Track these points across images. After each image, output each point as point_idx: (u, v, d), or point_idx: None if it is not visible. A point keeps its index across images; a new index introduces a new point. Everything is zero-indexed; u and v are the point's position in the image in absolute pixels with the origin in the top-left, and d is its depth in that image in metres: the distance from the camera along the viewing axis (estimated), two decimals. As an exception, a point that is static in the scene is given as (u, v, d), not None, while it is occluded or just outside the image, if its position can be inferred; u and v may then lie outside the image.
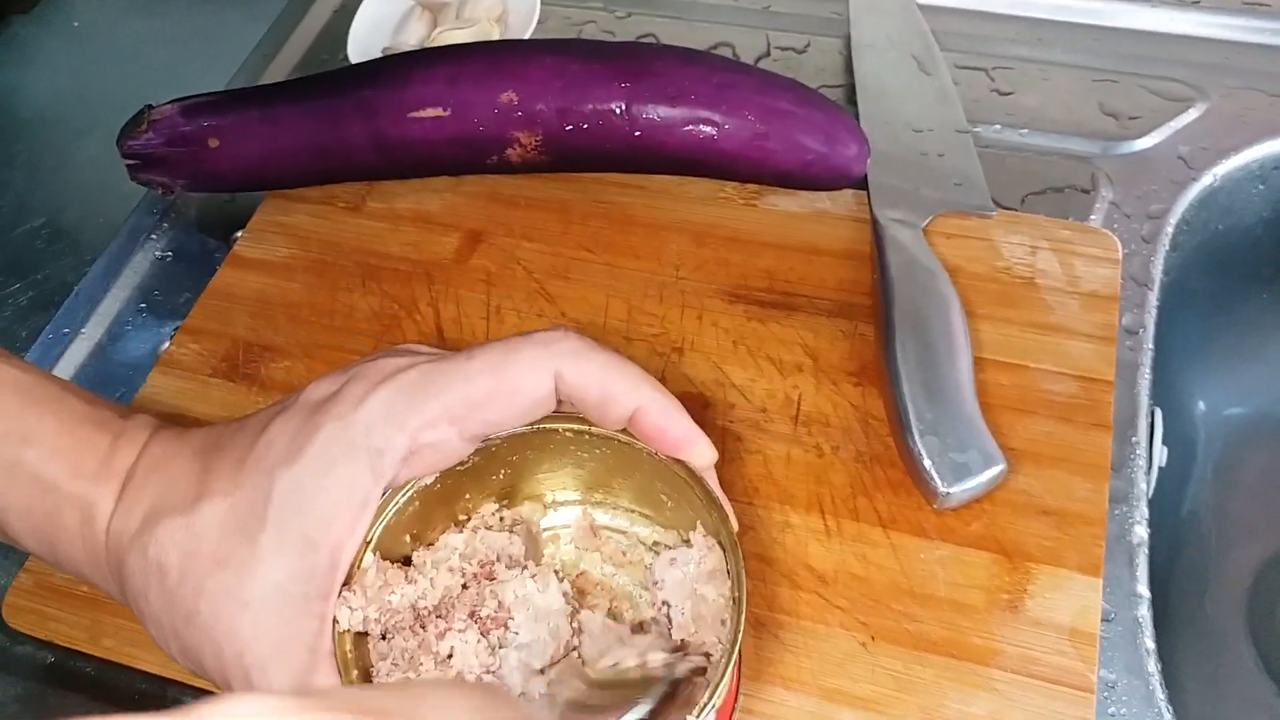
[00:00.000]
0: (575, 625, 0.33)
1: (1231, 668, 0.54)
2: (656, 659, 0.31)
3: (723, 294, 0.46)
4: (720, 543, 0.32)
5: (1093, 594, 0.37)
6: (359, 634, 0.32)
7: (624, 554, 0.36)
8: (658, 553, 0.35)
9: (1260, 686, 0.53)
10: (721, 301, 0.45)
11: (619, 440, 0.34)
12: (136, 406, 0.44)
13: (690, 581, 0.33)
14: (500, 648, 0.32)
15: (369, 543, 0.31)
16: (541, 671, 0.32)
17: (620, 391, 0.32)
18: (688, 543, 0.35)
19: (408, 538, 0.34)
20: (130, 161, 0.49)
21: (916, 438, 0.38)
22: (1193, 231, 0.52)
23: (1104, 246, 0.46)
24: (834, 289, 0.45)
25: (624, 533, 0.37)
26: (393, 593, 0.31)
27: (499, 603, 0.33)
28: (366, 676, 0.31)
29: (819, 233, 0.47)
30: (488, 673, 0.31)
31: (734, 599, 0.31)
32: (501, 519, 0.36)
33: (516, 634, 0.33)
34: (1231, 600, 0.57)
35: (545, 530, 0.37)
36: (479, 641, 0.31)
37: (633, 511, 0.36)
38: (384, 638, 0.32)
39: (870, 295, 0.45)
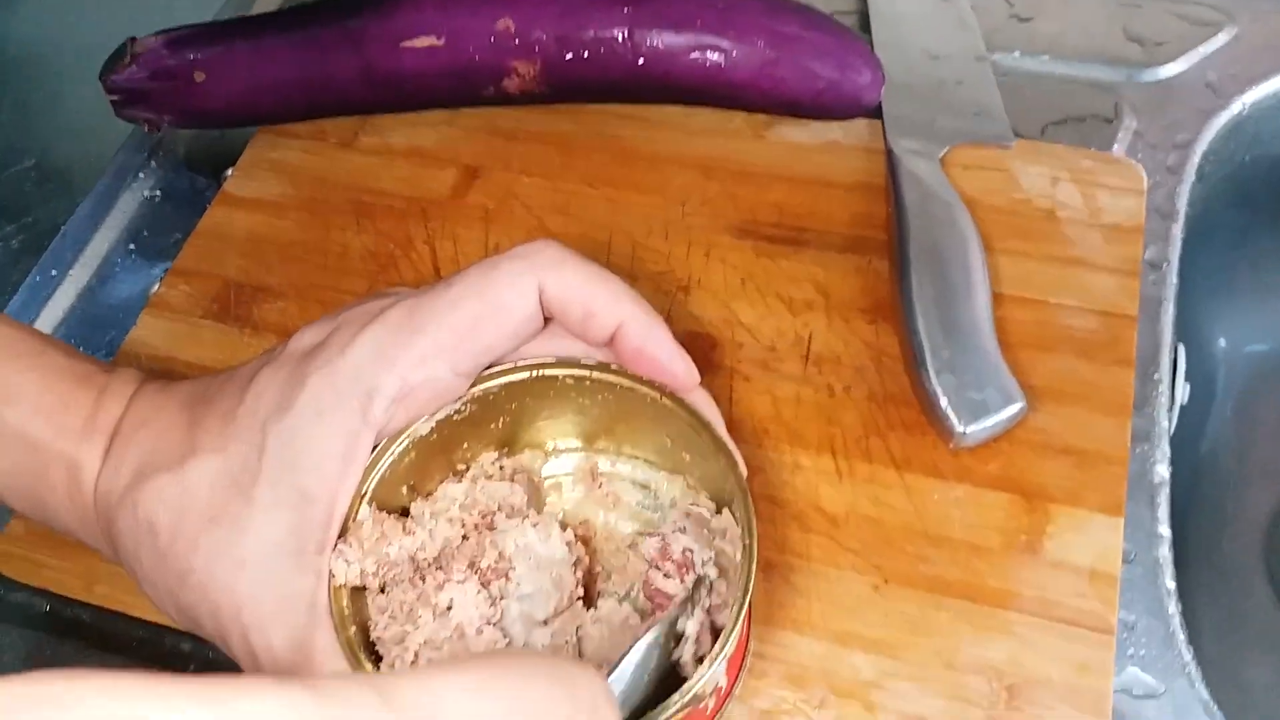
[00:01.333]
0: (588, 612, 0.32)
1: (1248, 606, 0.53)
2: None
3: (731, 229, 0.44)
4: (727, 490, 0.31)
5: (1113, 535, 0.36)
6: (356, 588, 0.31)
7: (628, 501, 0.35)
8: (659, 497, 0.34)
9: (1277, 624, 0.52)
10: (729, 237, 0.44)
11: (622, 385, 0.32)
12: (126, 349, 0.43)
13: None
14: (501, 599, 0.31)
15: (364, 495, 0.30)
16: (545, 623, 0.31)
17: (602, 305, 0.31)
18: (694, 489, 0.34)
19: (405, 489, 0.33)
20: (114, 97, 0.47)
21: (932, 376, 0.37)
22: (1219, 162, 0.50)
23: (1128, 177, 0.44)
24: (846, 223, 0.44)
25: (628, 480, 0.35)
26: (390, 545, 0.30)
27: (499, 553, 0.32)
28: (364, 631, 0.30)
29: (831, 165, 0.45)
30: (488, 624, 0.30)
31: (744, 545, 0.30)
32: (501, 468, 0.35)
33: (518, 585, 0.32)
34: (1249, 538, 0.56)
35: (546, 479, 0.36)
36: (479, 593, 0.30)
37: (636, 458, 0.35)
38: (382, 590, 0.31)
39: (884, 229, 0.43)
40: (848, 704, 0.34)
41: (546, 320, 0.32)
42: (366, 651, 0.29)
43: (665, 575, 0.32)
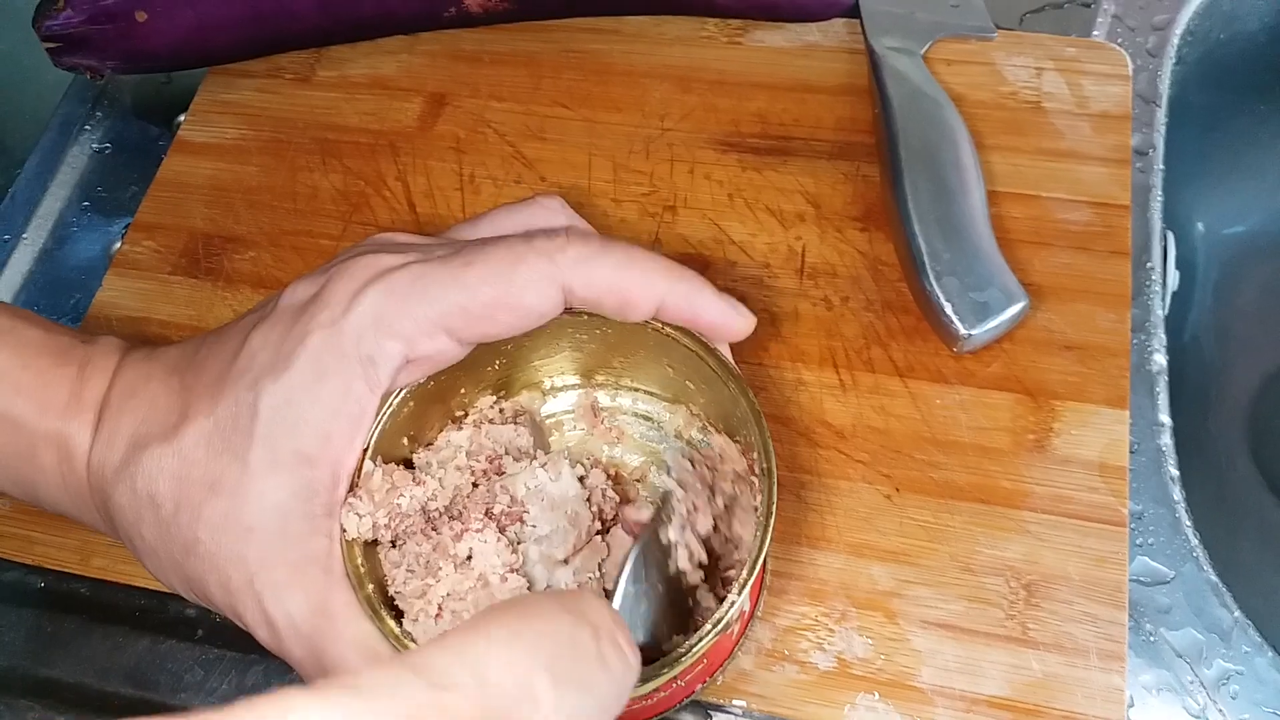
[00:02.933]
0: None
1: (1237, 486, 0.54)
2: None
3: (714, 143, 0.43)
4: (738, 415, 0.31)
5: (1120, 426, 0.36)
6: (369, 544, 0.30)
7: (632, 434, 0.34)
8: (663, 428, 0.34)
9: (1265, 501, 0.53)
10: (713, 152, 0.42)
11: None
12: (95, 312, 0.42)
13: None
14: (519, 543, 0.31)
15: (367, 449, 0.29)
16: (565, 562, 0.31)
17: (637, 292, 0.30)
18: (697, 417, 0.33)
19: (405, 440, 0.32)
20: (50, 45, 0.44)
21: (933, 280, 0.36)
22: (1195, 43, 0.49)
23: (1112, 62, 0.43)
24: (832, 129, 0.42)
25: (629, 413, 0.35)
26: (401, 496, 0.29)
27: (512, 497, 0.31)
28: (381, 588, 0.29)
29: (811, 69, 0.44)
30: (511, 571, 0.30)
31: (763, 470, 0.29)
32: (501, 411, 0.34)
33: (535, 527, 0.31)
34: (1233, 419, 0.56)
35: (547, 418, 0.35)
36: (498, 540, 0.30)
37: (637, 390, 0.35)
38: (394, 545, 0.30)
39: (871, 133, 0.42)
40: (869, 615, 0.34)
41: None
42: (386, 608, 0.29)
43: (636, 505, 0.32)
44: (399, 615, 0.29)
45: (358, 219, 0.42)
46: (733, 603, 0.27)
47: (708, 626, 0.27)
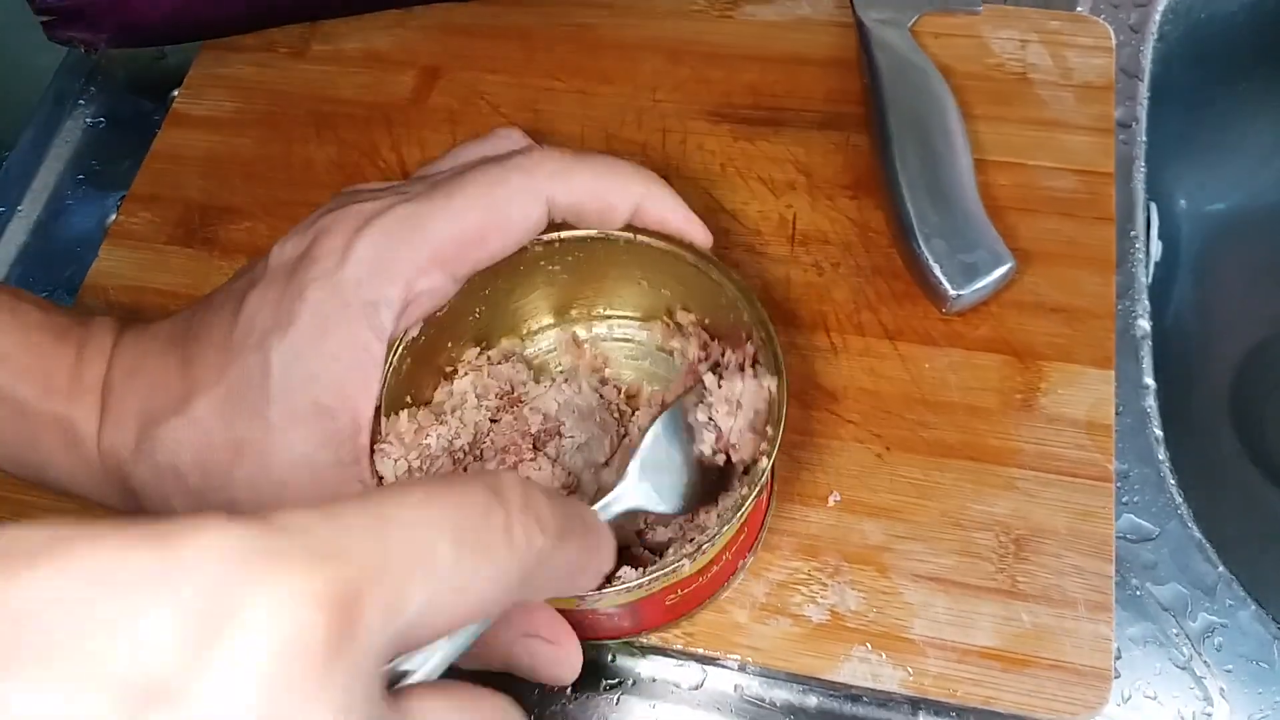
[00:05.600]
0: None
1: (1220, 457, 0.55)
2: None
3: (705, 114, 0.43)
4: (724, 302, 0.31)
5: (1106, 386, 0.37)
6: None
7: (617, 356, 0.35)
8: (645, 344, 0.35)
9: (1247, 473, 0.54)
10: (705, 123, 0.43)
11: (591, 237, 0.32)
12: (91, 282, 0.42)
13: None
14: (559, 457, 0.31)
15: (380, 403, 0.30)
16: (606, 464, 0.32)
17: (616, 196, 0.31)
18: (670, 325, 0.34)
19: (407, 399, 0.32)
20: (45, 18, 0.45)
21: (922, 243, 0.37)
22: (1177, 20, 0.50)
23: (1096, 35, 0.44)
24: (822, 100, 0.43)
25: (609, 339, 0.36)
26: (428, 436, 0.30)
27: (544, 415, 0.32)
28: None
29: (801, 41, 0.44)
30: (565, 490, 0.30)
31: (764, 338, 0.30)
32: (490, 359, 0.35)
33: (573, 437, 0.32)
34: (1216, 394, 0.57)
35: (532, 359, 0.36)
36: (552, 464, 0.30)
37: (611, 316, 0.36)
38: None
39: (861, 103, 0.42)
40: (861, 569, 0.34)
41: None
42: None
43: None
44: None
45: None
46: (768, 459, 0.28)
47: (744, 490, 0.28)
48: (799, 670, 0.33)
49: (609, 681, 0.34)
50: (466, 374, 0.33)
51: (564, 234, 0.32)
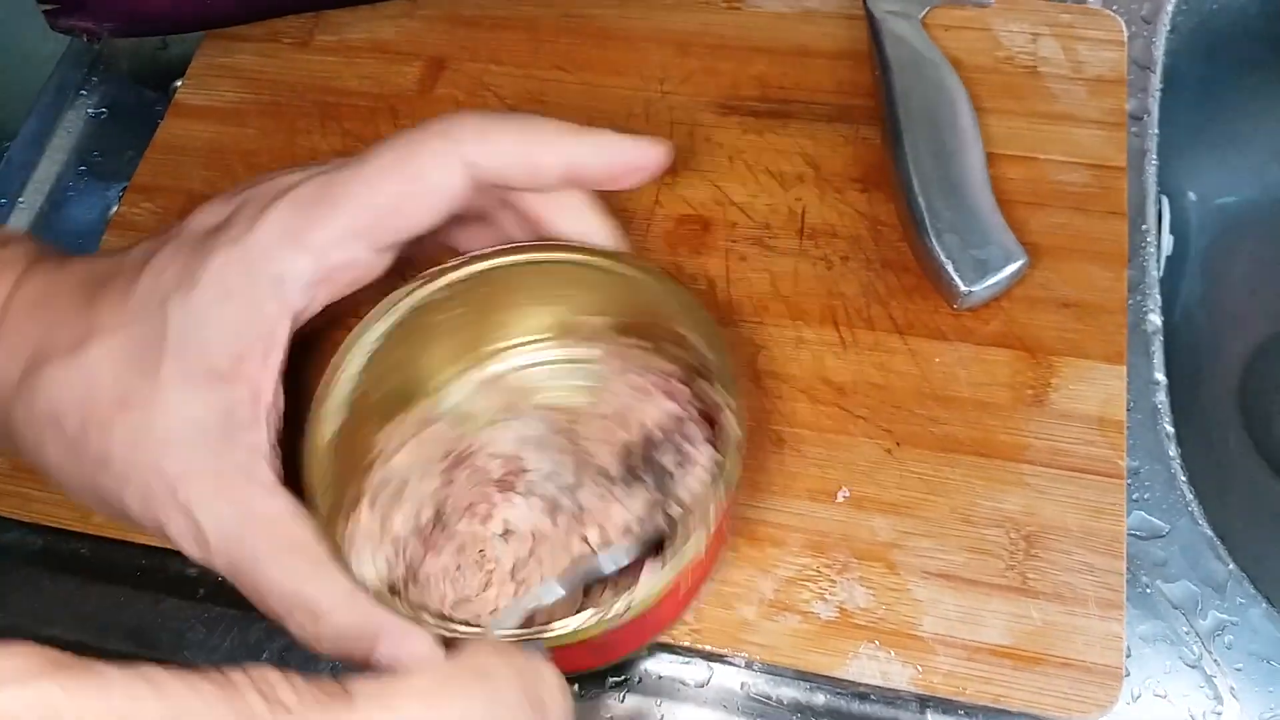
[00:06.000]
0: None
1: (1229, 453, 0.54)
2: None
3: (714, 107, 0.43)
4: (643, 300, 0.30)
5: (1117, 382, 0.36)
6: (394, 593, 0.29)
7: (535, 386, 0.34)
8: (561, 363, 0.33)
9: (1256, 470, 0.54)
10: (713, 115, 0.43)
11: (486, 268, 0.31)
12: (94, 274, 0.41)
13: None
14: (531, 493, 0.31)
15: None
16: (578, 483, 0.31)
17: (544, 155, 0.29)
18: (615, 329, 0.33)
19: (346, 498, 0.31)
20: (47, 7, 0.44)
21: (933, 238, 0.37)
22: (1189, 13, 0.50)
23: (1107, 28, 0.44)
24: (832, 92, 0.43)
25: (522, 368, 0.34)
26: (393, 523, 0.29)
27: (502, 458, 0.31)
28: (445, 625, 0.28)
29: (810, 33, 0.44)
30: (548, 513, 0.30)
31: (717, 358, 0.29)
32: (415, 429, 0.33)
33: (538, 468, 0.31)
34: (1225, 389, 0.57)
35: (449, 412, 0.34)
36: (524, 499, 0.30)
37: (517, 346, 0.34)
38: (414, 580, 0.30)
39: (871, 96, 0.42)
40: (870, 565, 0.34)
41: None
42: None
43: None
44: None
45: (357, 182, 0.42)
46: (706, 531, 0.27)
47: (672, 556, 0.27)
48: (807, 668, 0.33)
49: (614, 679, 0.34)
50: (398, 450, 0.32)
51: (454, 273, 0.31)
